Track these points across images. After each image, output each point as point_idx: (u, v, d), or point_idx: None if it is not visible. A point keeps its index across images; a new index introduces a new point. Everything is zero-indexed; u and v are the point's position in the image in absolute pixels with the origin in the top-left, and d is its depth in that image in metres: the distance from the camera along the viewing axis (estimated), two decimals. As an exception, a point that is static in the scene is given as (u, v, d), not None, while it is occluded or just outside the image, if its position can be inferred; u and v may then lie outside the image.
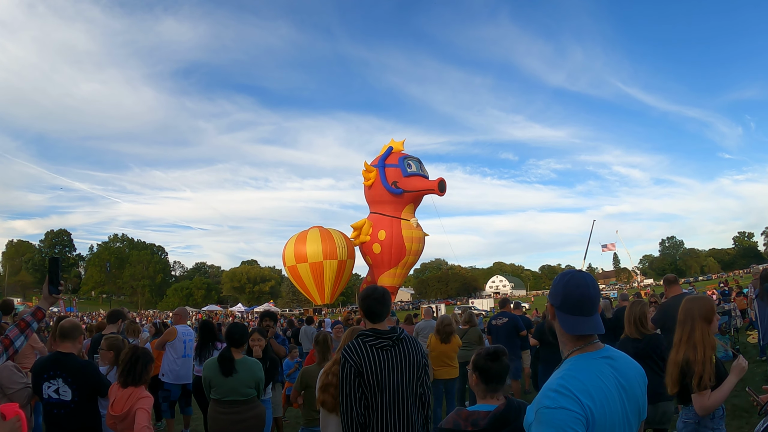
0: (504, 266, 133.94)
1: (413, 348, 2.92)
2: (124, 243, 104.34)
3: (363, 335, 2.85)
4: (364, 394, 2.77)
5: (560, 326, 1.69)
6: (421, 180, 31.06)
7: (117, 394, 3.45)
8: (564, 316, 1.67)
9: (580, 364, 1.61)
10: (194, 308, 65.22)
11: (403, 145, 32.01)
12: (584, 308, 1.65)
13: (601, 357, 1.64)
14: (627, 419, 1.61)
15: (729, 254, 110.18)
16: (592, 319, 1.65)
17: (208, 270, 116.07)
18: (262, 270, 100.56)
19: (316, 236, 30.23)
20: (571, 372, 1.59)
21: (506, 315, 8.31)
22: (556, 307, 1.70)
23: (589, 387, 1.54)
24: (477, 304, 56.69)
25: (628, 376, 1.65)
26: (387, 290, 3.09)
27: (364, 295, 2.98)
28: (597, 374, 1.58)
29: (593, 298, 1.66)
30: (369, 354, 2.78)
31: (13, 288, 79.49)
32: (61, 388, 3.58)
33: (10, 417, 2.35)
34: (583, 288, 1.65)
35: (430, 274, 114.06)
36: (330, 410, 3.30)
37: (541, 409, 1.53)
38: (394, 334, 2.87)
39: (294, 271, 31.03)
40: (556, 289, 1.71)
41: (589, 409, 1.50)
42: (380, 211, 31.72)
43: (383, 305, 2.91)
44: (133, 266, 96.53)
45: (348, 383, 2.75)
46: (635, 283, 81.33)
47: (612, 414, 1.55)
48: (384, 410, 2.79)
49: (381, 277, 32.22)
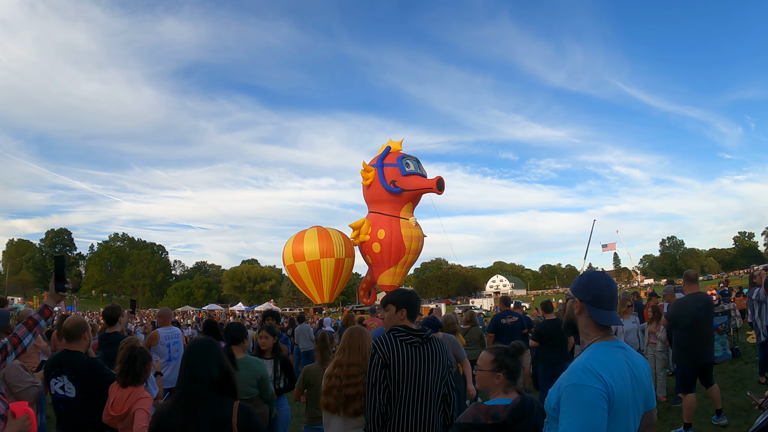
0: (504, 266, 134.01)
1: (440, 348, 3.06)
2: (125, 242, 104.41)
3: (395, 330, 2.99)
4: (389, 387, 2.89)
5: (589, 319, 1.93)
6: (419, 179, 31.09)
7: (116, 394, 3.46)
8: (596, 310, 1.91)
9: (601, 349, 1.85)
10: (195, 307, 65.35)
11: (401, 144, 32.04)
12: (613, 303, 1.95)
13: (617, 346, 1.89)
14: (636, 404, 1.83)
15: (729, 254, 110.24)
16: (615, 313, 1.96)
17: (209, 269, 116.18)
18: (262, 269, 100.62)
19: (313, 235, 30.38)
20: (594, 355, 1.82)
21: (515, 314, 8.31)
22: (587, 302, 1.94)
23: (611, 368, 1.76)
24: (477, 303, 56.68)
25: (637, 366, 1.88)
26: (414, 291, 3.43)
27: (408, 296, 3.18)
28: (615, 359, 1.82)
29: (616, 295, 2.01)
30: (398, 348, 2.92)
31: (13, 287, 79.52)
32: (66, 385, 3.64)
33: (19, 415, 2.40)
34: (612, 285, 1.97)
35: (431, 274, 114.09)
36: (332, 412, 3.31)
37: (568, 386, 1.73)
38: (423, 333, 3.01)
39: (293, 270, 31.11)
40: (586, 286, 1.97)
41: (611, 387, 1.71)
42: (379, 211, 31.77)
43: (419, 305, 3.20)
44: (134, 265, 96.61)
45: (374, 373, 2.89)
46: (635, 282, 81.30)
47: (625, 396, 1.76)
48: (406, 404, 2.89)
49: (381, 276, 32.27)
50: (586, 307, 1.93)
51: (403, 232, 31.26)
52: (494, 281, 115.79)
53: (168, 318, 7.19)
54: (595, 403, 1.66)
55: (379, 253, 31.40)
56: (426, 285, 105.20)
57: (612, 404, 1.69)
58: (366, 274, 34.69)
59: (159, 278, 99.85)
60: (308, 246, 29.74)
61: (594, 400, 1.66)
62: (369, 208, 32.68)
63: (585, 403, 1.66)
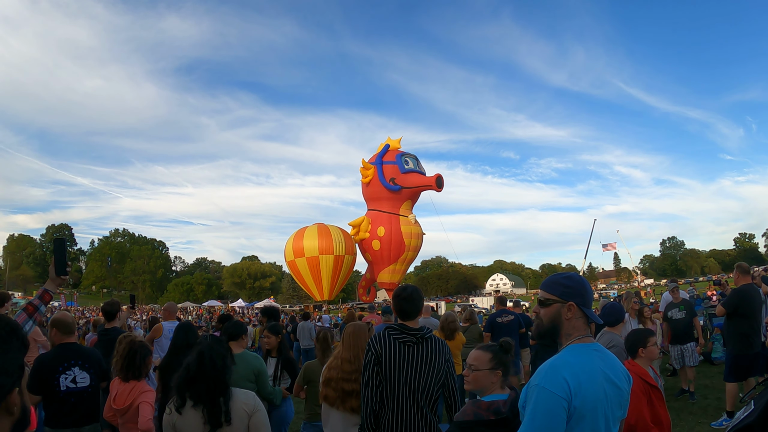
0: (504, 264, 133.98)
1: (436, 349, 2.96)
2: (125, 238, 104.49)
3: (390, 328, 2.97)
4: (382, 384, 2.87)
5: (579, 320, 1.89)
6: (418, 176, 31.11)
7: (119, 388, 3.45)
8: (589, 310, 1.90)
9: (575, 352, 1.83)
10: (195, 303, 65.43)
11: (399, 142, 32.02)
12: (592, 302, 1.97)
13: (593, 349, 1.86)
14: (611, 409, 1.78)
15: (729, 255, 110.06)
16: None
17: (209, 265, 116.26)
18: (262, 266, 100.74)
19: (313, 232, 30.34)
20: (565, 357, 1.80)
21: (511, 313, 8.31)
22: (580, 304, 1.90)
23: (580, 372, 1.73)
24: (477, 302, 56.68)
25: (615, 371, 1.84)
26: (417, 289, 3.13)
27: (394, 295, 3.10)
28: (587, 362, 1.79)
29: None
30: (391, 346, 2.89)
31: (14, 282, 79.69)
32: (78, 376, 3.63)
33: None
34: (589, 286, 1.97)
35: (431, 272, 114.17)
36: (331, 404, 3.35)
37: (533, 386, 1.74)
38: (419, 332, 2.93)
39: (293, 266, 31.13)
40: (576, 289, 1.92)
41: (575, 392, 1.68)
42: (378, 208, 31.78)
43: (411, 303, 3.01)
44: (134, 261, 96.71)
45: (367, 370, 2.89)
46: (636, 282, 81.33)
47: (593, 401, 1.71)
48: (398, 403, 2.86)
49: (380, 273, 32.28)
50: (580, 308, 1.89)
51: (402, 230, 31.27)
52: (494, 280, 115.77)
53: (173, 312, 7.51)
54: (553, 409, 1.65)
55: (378, 251, 31.41)
56: (426, 283, 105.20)
57: (574, 410, 1.67)
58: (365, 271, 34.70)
59: (159, 274, 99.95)
60: (308, 242, 29.73)
61: (553, 405, 1.66)
62: (368, 205, 32.68)
63: (544, 407, 1.66)
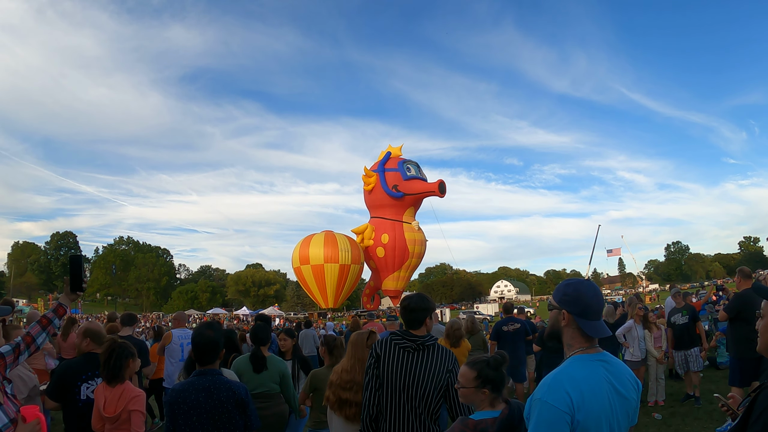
0: (509, 271, 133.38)
1: (439, 357, 2.91)
2: (130, 245, 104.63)
3: (394, 334, 3.01)
4: (382, 387, 2.91)
5: (576, 331, 1.86)
6: (421, 183, 31.14)
7: (106, 395, 3.27)
8: (585, 322, 1.84)
9: (578, 363, 1.79)
10: (199, 311, 65.37)
11: (401, 150, 32.07)
12: (600, 313, 1.90)
13: (598, 360, 1.82)
14: (616, 420, 1.76)
15: (734, 259, 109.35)
16: (603, 322, 1.90)
17: (213, 273, 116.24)
18: (266, 273, 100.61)
19: (320, 240, 30.33)
20: (568, 369, 1.77)
21: (517, 321, 8.29)
22: (576, 315, 1.85)
23: (583, 384, 1.71)
24: (482, 308, 56.47)
25: (622, 380, 1.81)
26: (424, 296, 3.08)
27: (400, 306, 3.15)
28: (591, 373, 1.76)
29: (604, 304, 1.96)
30: (391, 350, 2.93)
31: (18, 289, 79.93)
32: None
33: (30, 420, 2.41)
34: (600, 295, 1.89)
35: (435, 279, 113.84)
36: (331, 407, 3.45)
37: (535, 400, 1.72)
38: (419, 339, 2.92)
39: (299, 272, 31.15)
40: (575, 298, 1.87)
41: (578, 405, 1.67)
42: (382, 215, 31.79)
43: (413, 313, 2.96)
44: (139, 269, 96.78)
45: (368, 373, 2.96)
46: (641, 288, 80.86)
47: (598, 413, 1.70)
48: (395, 409, 2.86)
49: (385, 281, 32.26)
50: (575, 319, 1.85)
51: (406, 236, 31.30)
52: (499, 286, 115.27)
53: (183, 321, 7.78)
54: (555, 424, 1.65)
55: (383, 258, 31.42)
56: (430, 290, 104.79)
57: (578, 423, 1.66)
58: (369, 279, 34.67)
59: (164, 282, 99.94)
60: (314, 250, 29.76)
61: (555, 420, 1.65)
62: (371, 213, 32.73)
63: (546, 421, 1.66)
